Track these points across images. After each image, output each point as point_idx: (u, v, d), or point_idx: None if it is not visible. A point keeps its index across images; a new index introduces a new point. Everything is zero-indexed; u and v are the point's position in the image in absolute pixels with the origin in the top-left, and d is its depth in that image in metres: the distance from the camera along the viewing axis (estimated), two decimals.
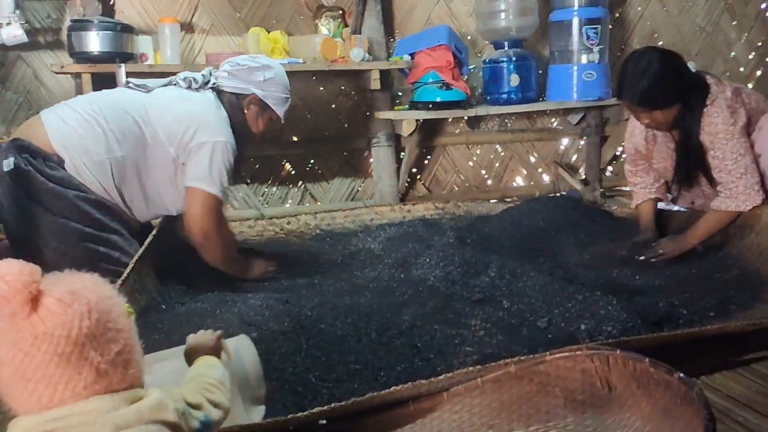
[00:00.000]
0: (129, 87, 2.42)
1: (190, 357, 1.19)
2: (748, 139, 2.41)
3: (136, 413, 0.84)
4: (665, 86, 2.35)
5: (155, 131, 2.26)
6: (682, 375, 1.24)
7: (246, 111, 2.45)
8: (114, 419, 0.82)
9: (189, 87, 2.40)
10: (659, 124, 2.45)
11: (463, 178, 4.09)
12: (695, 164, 2.51)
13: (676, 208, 2.94)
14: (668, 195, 2.86)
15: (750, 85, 4.41)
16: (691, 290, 2.16)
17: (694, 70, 2.46)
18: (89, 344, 0.83)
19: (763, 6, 4.44)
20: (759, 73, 4.53)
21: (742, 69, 4.49)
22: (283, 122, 2.54)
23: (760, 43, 4.48)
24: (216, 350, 1.21)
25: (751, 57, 4.49)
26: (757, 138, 2.43)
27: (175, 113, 2.29)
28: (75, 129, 2.18)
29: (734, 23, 4.41)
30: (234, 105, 2.43)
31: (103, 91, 2.46)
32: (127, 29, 2.99)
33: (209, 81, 2.44)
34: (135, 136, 2.24)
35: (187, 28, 3.41)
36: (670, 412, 1.27)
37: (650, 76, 2.33)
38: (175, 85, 2.42)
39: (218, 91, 2.43)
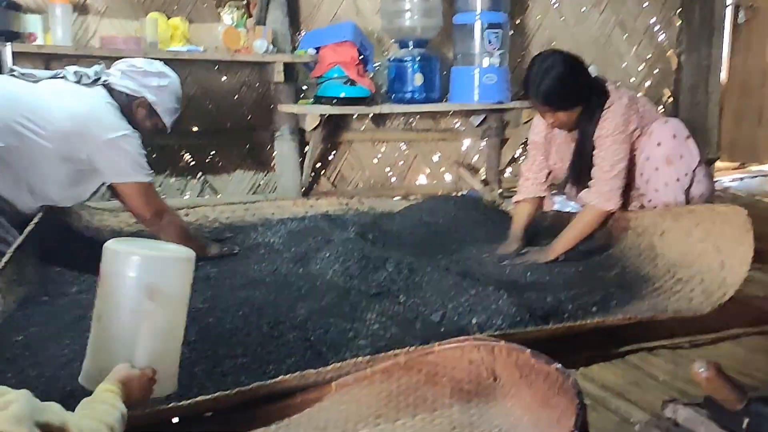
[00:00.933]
0: (13, 75, 2.30)
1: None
2: (630, 147, 2.55)
3: None
4: (569, 87, 2.46)
5: (42, 126, 2.17)
6: (559, 365, 1.29)
7: (134, 112, 2.41)
8: None
9: (78, 81, 2.31)
10: (563, 124, 2.56)
11: (368, 174, 4.11)
12: (587, 164, 2.63)
13: (569, 207, 3.07)
14: (562, 194, 2.99)
15: (639, 94, 4.67)
16: (577, 287, 2.25)
17: (595, 74, 2.59)
18: None
19: (652, 21, 4.71)
20: (648, 83, 4.80)
21: (632, 80, 4.74)
22: (168, 132, 2.56)
23: (648, 56, 4.75)
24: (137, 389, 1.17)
25: (640, 68, 4.75)
26: (646, 142, 2.57)
27: (69, 110, 2.22)
28: None
29: (625, 37, 4.66)
30: (123, 104, 2.38)
31: None
32: (13, 6, 2.83)
33: (100, 77, 2.35)
34: (16, 129, 2.13)
35: (80, 8, 3.24)
36: (548, 401, 1.32)
37: (554, 76, 2.42)
38: (62, 78, 2.32)
39: (109, 89, 2.38)
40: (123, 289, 1.25)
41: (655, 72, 4.81)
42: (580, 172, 2.68)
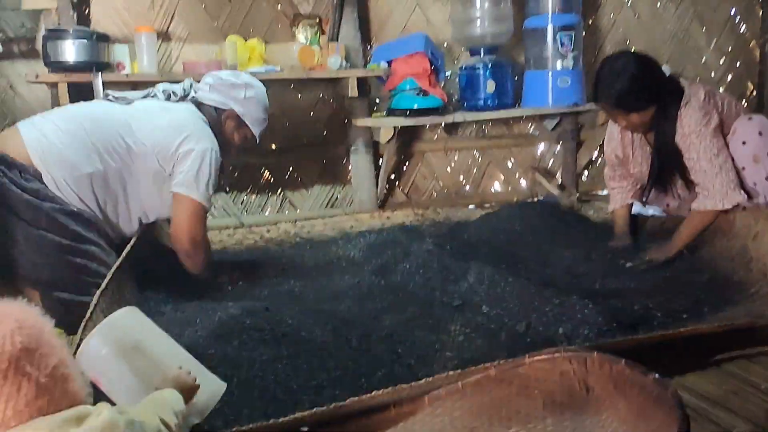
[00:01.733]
0: (108, 99, 2.41)
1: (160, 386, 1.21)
2: (722, 139, 2.46)
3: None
4: (640, 88, 2.40)
5: (138, 143, 2.25)
6: (657, 375, 1.26)
7: (223, 125, 2.46)
8: None
9: (168, 99, 2.40)
10: (636, 126, 2.49)
11: (441, 184, 4.12)
12: (671, 167, 2.56)
13: (650, 212, 3.00)
14: (642, 199, 2.91)
15: (721, 89, 4.50)
16: (664, 293, 2.20)
17: (668, 74, 2.51)
18: (24, 359, 0.84)
19: (732, 12, 4.53)
20: (729, 77, 4.62)
21: (713, 74, 4.57)
22: (258, 142, 2.57)
23: (729, 48, 4.57)
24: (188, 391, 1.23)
25: (721, 62, 4.58)
26: (730, 141, 2.48)
27: (159, 123, 2.30)
28: (55, 142, 2.16)
29: (704, 30, 4.50)
30: (212, 118, 2.44)
31: (82, 103, 2.45)
32: (102, 38, 2.98)
33: (189, 93, 2.44)
34: (117, 149, 2.23)
35: (164, 36, 3.40)
36: (645, 413, 1.30)
37: (625, 79, 2.37)
38: (153, 96, 2.42)
39: (198, 104, 2.45)
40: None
41: (737, 65, 4.62)
42: (661, 175, 2.61)
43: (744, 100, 4.62)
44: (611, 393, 1.38)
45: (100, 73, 2.90)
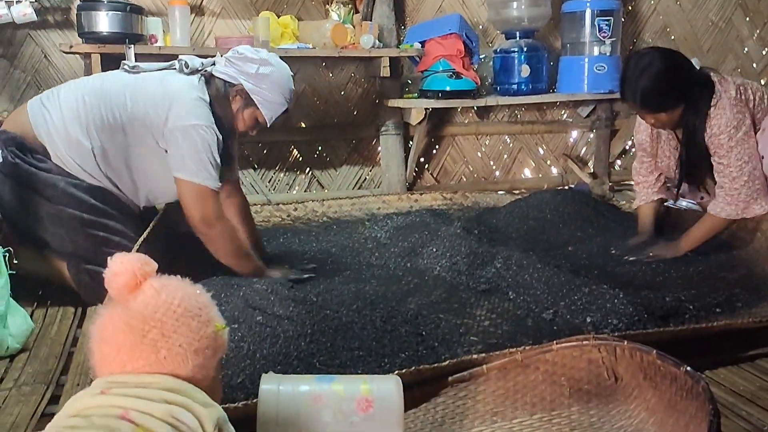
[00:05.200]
0: (124, 69, 2.31)
1: None
2: (754, 142, 2.38)
3: (186, 403, 0.90)
4: (667, 88, 2.31)
5: (133, 117, 2.15)
6: (689, 368, 1.23)
7: (230, 101, 2.27)
8: (164, 395, 0.90)
9: (181, 70, 2.27)
10: (664, 124, 2.42)
11: (471, 168, 4.07)
12: (699, 164, 2.49)
13: (684, 204, 2.93)
14: (676, 192, 2.84)
15: (762, 82, 4.38)
16: (697, 287, 2.15)
17: (698, 67, 2.42)
18: (158, 328, 0.94)
19: None
20: None
21: (754, 65, 4.44)
22: (268, 126, 2.32)
23: None
24: None
25: (764, 53, 4.45)
26: (760, 139, 2.39)
27: (149, 96, 2.17)
28: (58, 119, 2.15)
29: (747, 19, 4.37)
30: (220, 92, 2.25)
31: (92, 75, 2.42)
32: (136, 10, 2.97)
33: (206, 68, 2.29)
34: (115, 124, 2.15)
35: (197, 10, 3.39)
36: (675, 405, 1.27)
37: (650, 77, 2.28)
38: (172, 69, 2.30)
39: (208, 78, 2.28)
40: None
41: None
42: (690, 172, 2.54)
43: None
44: (640, 383, 1.35)
45: (132, 45, 2.89)
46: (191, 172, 2.10)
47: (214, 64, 2.31)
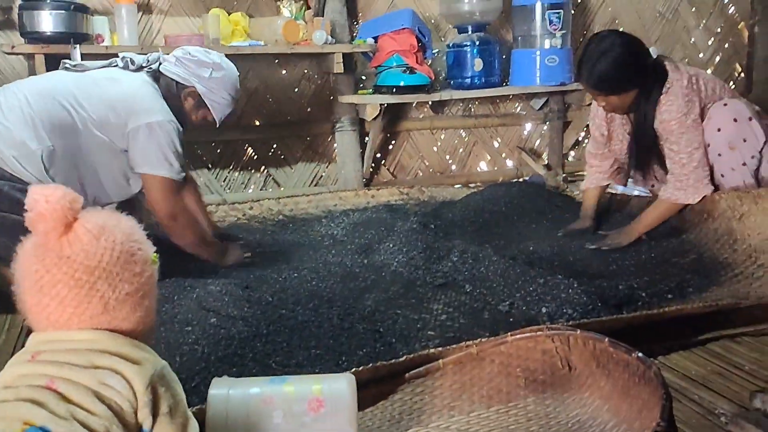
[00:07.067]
0: (65, 68, 2.27)
1: None
2: (702, 130, 2.44)
3: (114, 365, 0.85)
4: (622, 71, 2.36)
5: (85, 116, 2.12)
6: (640, 354, 1.25)
7: (182, 102, 2.32)
8: (93, 357, 0.85)
9: (126, 67, 2.27)
10: (615, 108, 2.47)
11: (427, 163, 4.08)
12: (649, 150, 2.55)
13: (636, 191, 2.98)
14: (629, 178, 2.90)
15: (709, 71, 4.48)
16: (649, 274, 2.19)
17: (655, 56, 2.48)
18: (104, 278, 0.87)
19: None
20: (717, 59, 4.61)
21: (701, 55, 4.55)
22: (218, 126, 2.42)
23: (718, 30, 4.55)
24: None
25: (710, 43, 4.56)
26: (705, 128, 2.46)
27: (103, 96, 2.15)
28: (1, 120, 2.06)
29: (693, 10, 4.47)
30: (171, 92, 2.30)
31: (34, 76, 2.35)
32: (81, 9, 2.89)
33: (152, 65, 2.32)
34: (64, 123, 2.10)
35: (145, 8, 3.32)
36: (628, 391, 1.29)
37: (608, 61, 2.33)
38: (114, 66, 2.30)
39: (158, 75, 2.31)
40: None
41: (725, 46, 4.61)
42: (640, 157, 2.60)
43: (732, 82, 4.61)
44: (594, 371, 1.37)
45: (78, 45, 2.82)
46: (154, 165, 2.16)
47: (158, 60, 2.32)
